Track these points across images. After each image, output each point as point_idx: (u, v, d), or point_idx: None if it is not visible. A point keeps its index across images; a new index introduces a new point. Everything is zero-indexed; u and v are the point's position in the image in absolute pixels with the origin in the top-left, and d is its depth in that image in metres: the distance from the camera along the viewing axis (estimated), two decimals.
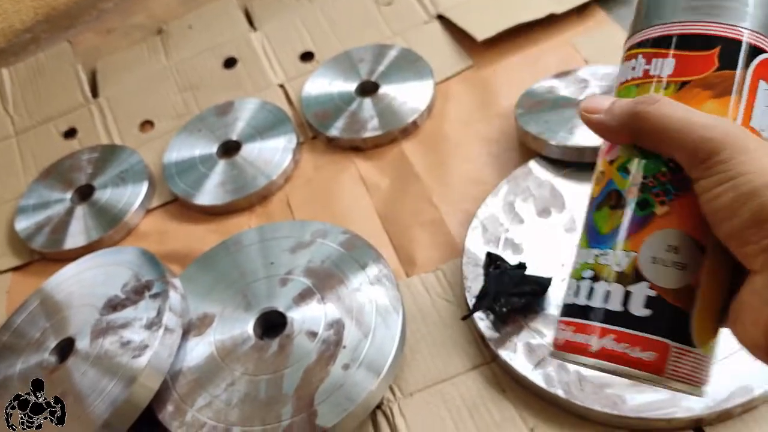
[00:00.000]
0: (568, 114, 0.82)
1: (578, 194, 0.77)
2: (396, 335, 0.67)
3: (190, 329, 0.73)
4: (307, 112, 0.96)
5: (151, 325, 0.68)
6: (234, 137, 0.96)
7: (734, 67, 0.35)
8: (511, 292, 0.67)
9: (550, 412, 0.63)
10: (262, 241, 0.79)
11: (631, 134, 0.35)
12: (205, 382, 0.68)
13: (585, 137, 0.78)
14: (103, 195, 0.94)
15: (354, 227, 0.83)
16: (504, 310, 0.66)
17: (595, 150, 0.75)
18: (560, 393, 0.62)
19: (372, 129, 0.92)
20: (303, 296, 0.73)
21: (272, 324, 0.73)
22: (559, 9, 0.99)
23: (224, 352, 0.70)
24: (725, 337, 0.61)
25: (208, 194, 0.90)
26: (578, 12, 1.00)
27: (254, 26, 1.14)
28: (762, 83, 0.35)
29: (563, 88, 0.87)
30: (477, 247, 0.75)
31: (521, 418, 0.64)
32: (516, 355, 0.65)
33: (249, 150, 0.94)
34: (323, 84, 1.00)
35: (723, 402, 0.58)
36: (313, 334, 0.69)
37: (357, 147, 0.93)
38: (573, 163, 0.80)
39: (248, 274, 0.76)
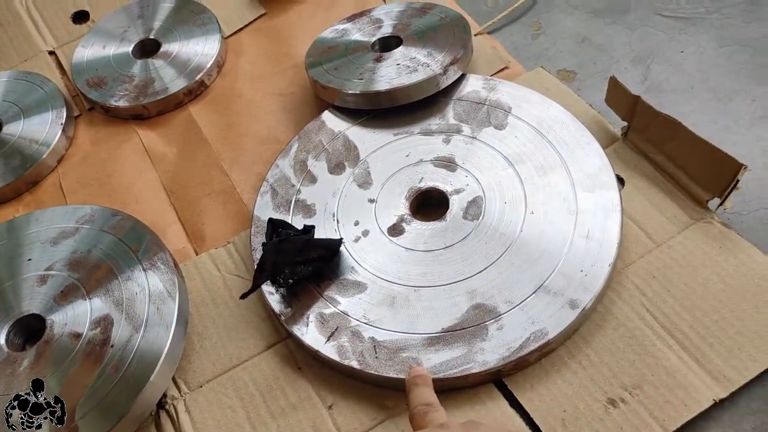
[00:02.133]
0: (360, 59, 0.76)
1: (374, 144, 0.71)
2: (172, 324, 0.59)
3: None
4: (79, 81, 0.84)
5: None
6: None
7: None
8: (296, 261, 0.60)
9: (348, 385, 0.58)
10: (17, 236, 0.68)
11: None
12: None
13: (378, 82, 0.72)
14: None
15: (137, 206, 0.73)
16: (290, 281, 0.60)
17: (389, 94, 0.70)
18: (355, 364, 0.57)
19: (154, 93, 0.82)
20: (65, 294, 0.63)
21: (32, 330, 0.63)
22: None
23: None
24: (516, 283, 0.58)
25: None
26: None
27: None
28: None
29: (356, 32, 0.81)
30: (267, 213, 0.68)
31: (319, 396, 0.58)
32: (308, 330, 0.59)
33: (11, 129, 0.81)
34: (97, 47, 0.88)
35: (517, 351, 0.55)
36: (76, 336, 0.60)
37: (139, 115, 0.82)
38: (368, 111, 0.74)
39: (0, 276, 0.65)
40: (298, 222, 0.66)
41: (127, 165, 0.79)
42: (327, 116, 0.75)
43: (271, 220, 0.64)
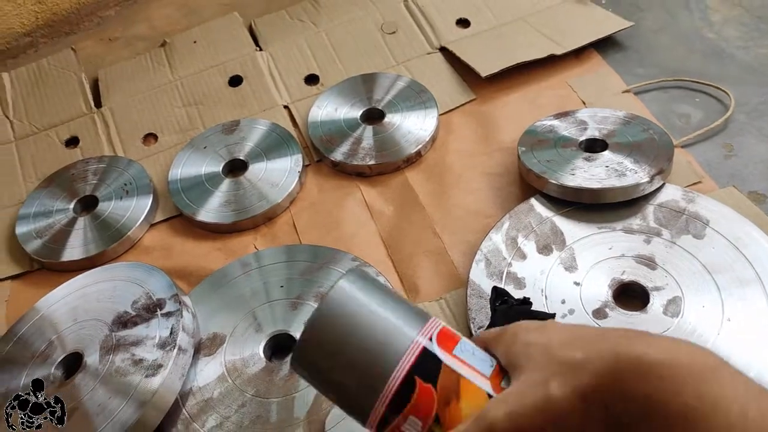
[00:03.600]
0: (569, 154, 0.86)
1: (578, 233, 0.81)
2: None
3: (200, 349, 0.74)
4: (313, 136, 0.99)
5: (165, 345, 0.69)
6: (241, 156, 0.97)
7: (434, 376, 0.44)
8: None
9: None
10: (271, 264, 0.81)
11: None
12: (216, 403, 0.69)
13: (584, 179, 0.81)
14: (107, 207, 0.94)
15: (359, 252, 0.85)
16: None
17: (598, 192, 0.80)
18: None
19: (377, 156, 0.94)
20: None
21: (281, 347, 0.75)
22: (559, 51, 1.03)
23: (235, 373, 0.71)
24: None
25: (213, 212, 0.91)
26: (576, 54, 1.05)
27: (259, 46, 1.15)
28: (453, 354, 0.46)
29: (563, 129, 0.91)
30: (481, 279, 0.78)
31: None
32: None
33: (255, 170, 0.96)
34: (329, 108, 1.02)
35: None
36: None
37: (361, 173, 0.95)
38: (572, 203, 0.83)
39: (258, 296, 0.78)
40: (511, 291, 0.76)
41: (349, 215, 0.91)
42: (535, 202, 0.85)
43: (495, 288, 0.74)
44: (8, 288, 0.89)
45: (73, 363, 0.73)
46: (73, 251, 0.90)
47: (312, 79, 1.09)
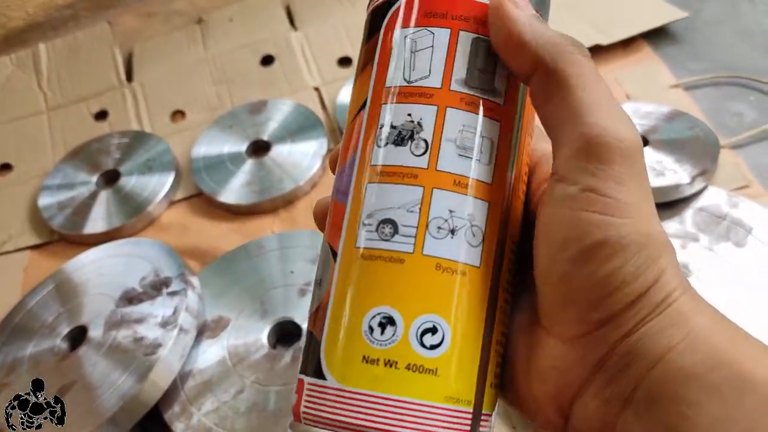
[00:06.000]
0: None
1: None
2: None
3: (203, 330, 0.72)
4: (341, 119, 0.96)
5: (166, 324, 0.68)
6: (265, 137, 0.95)
7: (373, 34, 0.30)
8: None
9: None
10: (284, 248, 0.79)
11: (537, 65, 0.26)
12: (214, 387, 0.67)
13: None
14: (129, 182, 0.93)
15: None
16: None
17: None
18: None
19: None
20: None
21: (286, 333, 0.72)
22: (605, 41, 0.97)
23: (236, 358, 0.69)
24: None
25: (233, 193, 0.90)
26: (624, 45, 0.99)
27: (295, 26, 1.13)
28: (397, 32, 0.29)
29: None
30: None
31: None
32: None
33: (278, 151, 0.93)
34: None
35: None
36: None
37: None
38: None
39: (267, 280, 0.76)
40: None
41: None
42: None
43: None
44: (27, 257, 0.90)
45: (78, 336, 0.72)
46: (93, 224, 0.89)
47: (345, 62, 1.06)
